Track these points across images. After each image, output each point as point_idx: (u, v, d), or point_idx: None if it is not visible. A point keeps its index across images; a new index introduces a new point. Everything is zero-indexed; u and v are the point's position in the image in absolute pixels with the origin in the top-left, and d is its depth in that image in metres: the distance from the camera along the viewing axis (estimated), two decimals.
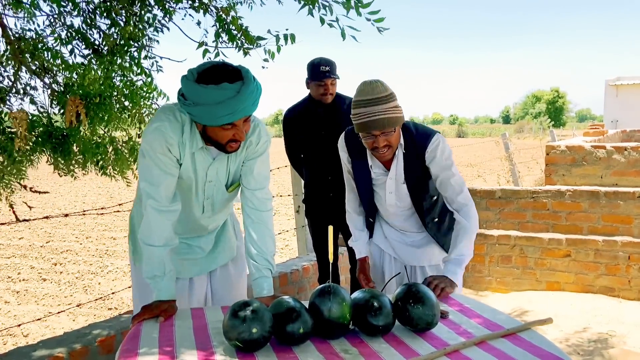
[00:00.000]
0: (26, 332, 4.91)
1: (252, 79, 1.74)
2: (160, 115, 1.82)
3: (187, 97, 1.72)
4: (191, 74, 1.74)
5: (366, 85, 2.07)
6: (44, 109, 3.04)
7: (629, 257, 4.36)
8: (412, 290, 1.62)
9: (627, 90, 21.43)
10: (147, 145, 1.81)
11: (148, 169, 1.82)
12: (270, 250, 1.97)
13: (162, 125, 1.79)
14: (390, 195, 2.28)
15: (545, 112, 66.11)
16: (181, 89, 1.75)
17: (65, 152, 2.96)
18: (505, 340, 1.55)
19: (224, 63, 1.79)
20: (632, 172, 4.92)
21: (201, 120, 1.74)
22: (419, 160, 2.20)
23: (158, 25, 3.07)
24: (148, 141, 1.80)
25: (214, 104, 1.67)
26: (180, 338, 1.56)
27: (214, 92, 1.67)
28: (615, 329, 3.76)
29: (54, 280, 6.53)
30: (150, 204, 1.82)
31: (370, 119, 2.03)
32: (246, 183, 2.00)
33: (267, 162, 2.03)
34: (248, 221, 2.00)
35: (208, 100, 1.67)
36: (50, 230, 9.33)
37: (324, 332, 1.55)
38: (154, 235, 1.82)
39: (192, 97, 1.70)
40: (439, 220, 2.33)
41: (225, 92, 1.67)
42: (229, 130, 1.76)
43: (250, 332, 1.41)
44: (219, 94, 1.67)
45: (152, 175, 1.81)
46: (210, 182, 1.95)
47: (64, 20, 2.89)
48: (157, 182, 1.82)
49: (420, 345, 1.52)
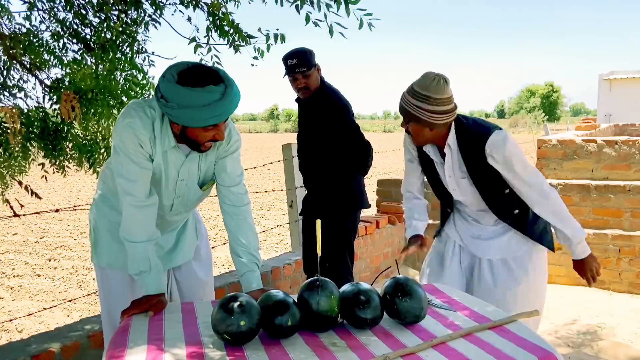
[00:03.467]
0: (20, 327, 4.91)
1: (232, 80, 1.73)
2: (130, 111, 1.79)
3: (169, 99, 1.68)
4: (171, 75, 1.69)
5: (426, 78, 2.08)
6: (38, 105, 3.04)
7: (619, 250, 4.40)
8: (400, 283, 1.63)
9: (620, 84, 21.51)
10: (120, 142, 1.79)
11: (123, 166, 1.79)
12: (253, 244, 1.97)
13: (133, 122, 1.76)
14: (453, 190, 2.28)
15: (540, 106, 66.28)
16: (159, 89, 1.71)
17: (57, 148, 2.96)
18: (492, 333, 1.57)
19: (199, 64, 1.76)
20: (623, 165, 4.95)
21: (183, 122, 1.72)
22: (480, 157, 2.13)
23: (150, 20, 3.06)
24: (120, 138, 1.78)
25: (200, 106, 1.66)
26: (170, 332, 1.57)
27: (201, 95, 1.65)
28: (605, 321, 3.80)
29: (48, 276, 6.52)
30: (128, 201, 1.80)
31: (401, 105, 2.12)
32: (221, 181, 2.00)
33: (238, 159, 2.03)
34: (227, 218, 2.00)
35: (194, 103, 1.65)
36: (45, 225, 9.31)
37: (313, 325, 1.56)
38: (136, 231, 1.81)
39: (176, 99, 1.67)
40: (520, 212, 2.22)
41: (211, 95, 1.66)
42: (210, 131, 1.75)
43: (238, 324, 1.43)
44: (205, 96, 1.65)
45: (129, 171, 1.79)
46: (182, 181, 1.94)
47: (55, 15, 2.89)
48: (134, 177, 1.80)
49: (407, 338, 1.54)
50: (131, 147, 1.77)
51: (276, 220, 8.78)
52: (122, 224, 1.83)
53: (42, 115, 2.92)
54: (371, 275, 4.67)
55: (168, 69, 1.72)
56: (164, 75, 1.72)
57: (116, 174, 1.83)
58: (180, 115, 1.69)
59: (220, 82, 1.69)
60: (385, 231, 4.91)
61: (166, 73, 1.71)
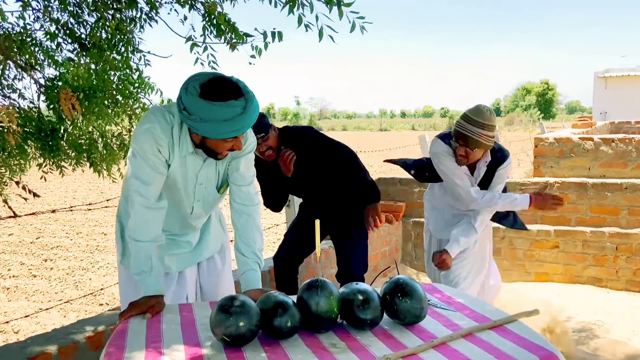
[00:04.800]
0: (17, 328, 4.88)
1: (252, 94, 1.78)
2: (150, 116, 1.84)
3: (192, 112, 1.72)
4: (193, 88, 1.73)
5: (480, 108, 2.68)
6: (34, 104, 3.02)
7: (616, 247, 4.41)
8: (399, 283, 1.62)
9: (616, 82, 21.58)
10: (138, 146, 1.83)
11: (139, 168, 1.84)
12: (258, 244, 2.00)
13: (153, 127, 1.81)
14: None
15: (535, 104, 66.40)
16: (182, 101, 1.74)
17: (54, 147, 2.94)
18: (492, 332, 1.56)
19: (221, 76, 1.79)
20: (620, 163, 4.97)
21: (204, 134, 1.77)
22: (492, 172, 2.89)
23: (145, 18, 3.04)
24: (139, 142, 1.83)
25: (222, 120, 1.71)
26: (168, 334, 1.56)
27: (223, 110, 1.70)
28: (602, 319, 3.80)
29: (44, 277, 6.49)
30: (139, 201, 1.84)
31: (464, 133, 2.67)
32: (233, 179, 2.03)
33: (252, 160, 2.07)
34: (236, 216, 2.03)
35: (217, 117, 1.71)
36: (40, 226, 9.27)
37: (312, 326, 1.55)
38: (143, 231, 1.84)
39: (198, 113, 1.71)
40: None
41: (233, 110, 1.71)
42: (229, 142, 1.81)
43: (237, 326, 1.41)
44: (227, 111, 1.71)
45: (144, 173, 1.84)
46: (201, 185, 1.99)
47: (50, 14, 2.86)
48: (148, 180, 1.84)
49: (408, 338, 1.53)
50: (149, 151, 1.82)
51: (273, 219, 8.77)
52: (130, 224, 1.87)
53: (36, 114, 2.90)
54: (369, 274, 4.66)
55: (190, 81, 1.76)
56: (186, 87, 1.75)
57: (131, 174, 1.86)
58: (202, 128, 1.74)
59: (241, 96, 1.74)
60: (383, 230, 4.90)
61: (188, 85, 1.75)
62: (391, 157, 3.38)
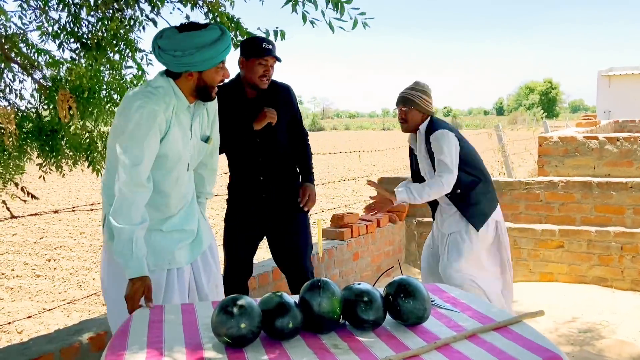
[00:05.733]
0: (20, 328, 4.89)
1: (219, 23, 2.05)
2: (138, 94, 1.91)
3: (182, 49, 1.88)
4: (169, 32, 1.93)
5: (417, 81, 3.12)
6: (33, 105, 3.01)
7: (621, 247, 4.38)
8: (403, 284, 1.61)
9: (619, 80, 21.48)
10: (132, 125, 1.86)
11: (128, 149, 1.86)
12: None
13: (145, 101, 1.88)
14: (422, 170, 3.19)
15: (539, 103, 66.26)
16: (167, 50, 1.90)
17: (54, 148, 2.94)
18: (496, 334, 1.55)
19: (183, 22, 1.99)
20: (625, 162, 4.93)
21: (200, 66, 1.92)
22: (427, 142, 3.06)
23: (145, 19, 3.03)
24: (134, 120, 1.85)
25: (209, 44, 1.90)
26: (169, 334, 1.55)
27: (205, 35, 1.91)
28: (608, 319, 3.78)
29: (47, 277, 6.50)
30: (126, 182, 1.86)
31: (400, 95, 3.10)
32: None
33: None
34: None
35: (204, 41, 1.89)
36: (44, 226, 9.28)
37: (314, 326, 1.54)
38: (132, 213, 1.87)
39: (188, 46, 1.88)
40: (462, 193, 3.07)
41: (214, 32, 1.92)
42: (220, 72, 1.99)
43: (238, 327, 1.40)
44: (210, 34, 1.91)
45: (133, 154, 1.86)
46: (194, 138, 2.11)
47: (48, 15, 2.86)
48: (136, 161, 1.86)
49: (411, 340, 1.51)
50: (144, 127, 1.86)
51: None
52: (115, 207, 1.87)
53: (35, 115, 2.89)
54: (372, 274, 4.65)
55: (160, 33, 1.96)
56: (159, 36, 1.94)
57: (120, 160, 1.87)
58: (197, 59, 1.90)
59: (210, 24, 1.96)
60: (387, 230, 4.89)
61: (162, 34, 1.94)
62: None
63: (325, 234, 4.29)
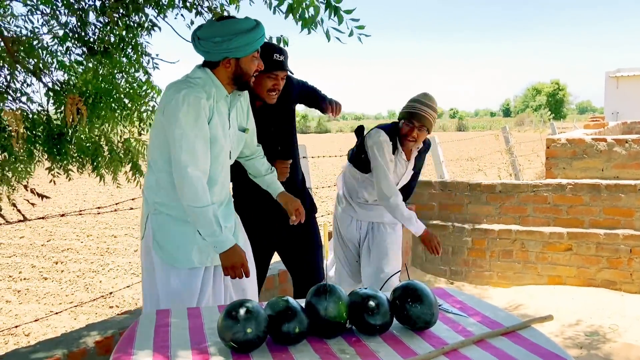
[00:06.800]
0: (27, 331, 4.90)
1: None
2: (180, 85, 1.99)
3: (221, 35, 1.99)
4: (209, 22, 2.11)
5: (428, 95, 2.92)
6: (42, 108, 3.03)
7: (630, 250, 4.34)
8: (410, 288, 1.60)
9: (627, 81, 21.36)
10: (182, 114, 1.93)
11: (186, 141, 1.94)
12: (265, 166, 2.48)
13: (189, 91, 1.95)
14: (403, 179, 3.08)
15: (546, 104, 65.95)
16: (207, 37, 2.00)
17: (61, 151, 2.95)
18: (504, 339, 1.53)
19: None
20: (633, 164, 4.89)
21: (239, 52, 2.01)
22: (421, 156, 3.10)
23: (149, 25, 3.04)
24: (183, 110, 1.93)
25: (246, 30, 2.00)
26: (176, 338, 1.54)
27: (245, 22, 2.03)
28: (617, 323, 3.74)
29: (55, 279, 6.52)
30: (192, 169, 1.94)
31: (421, 113, 2.84)
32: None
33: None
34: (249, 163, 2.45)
35: (244, 27, 2.00)
36: (51, 228, 9.32)
37: (321, 331, 1.53)
38: (203, 195, 1.95)
39: (226, 32, 1.99)
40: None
41: (250, 21, 2.04)
42: (255, 61, 2.07)
43: (244, 332, 1.39)
44: (248, 22, 2.03)
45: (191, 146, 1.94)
46: (233, 127, 2.18)
47: (57, 18, 2.87)
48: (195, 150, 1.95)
49: (418, 345, 1.50)
50: (194, 112, 1.94)
51: None
52: (186, 193, 1.95)
53: (45, 118, 2.90)
54: None
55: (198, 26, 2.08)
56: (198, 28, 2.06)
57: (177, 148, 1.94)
58: (235, 44, 2.00)
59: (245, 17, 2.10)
60: None
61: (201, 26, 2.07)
62: None
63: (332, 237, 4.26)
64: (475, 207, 4.89)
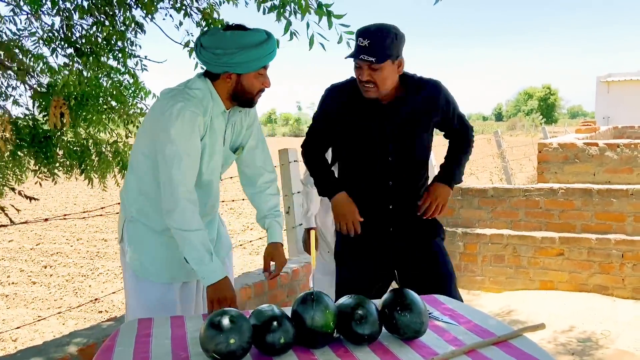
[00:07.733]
0: (15, 336, 4.83)
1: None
2: (177, 97, 1.84)
3: (224, 47, 1.81)
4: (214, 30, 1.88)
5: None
6: (29, 111, 2.98)
7: (622, 255, 4.33)
8: (399, 296, 1.56)
9: (618, 86, 21.49)
10: (175, 130, 1.79)
11: (176, 158, 1.81)
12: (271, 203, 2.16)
13: (185, 105, 1.81)
14: None
15: (537, 109, 66.36)
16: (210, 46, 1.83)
17: (47, 155, 2.90)
18: (496, 348, 1.49)
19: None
20: (625, 169, 4.89)
21: (241, 68, 1.84)
22: None
23: (137, 27, 3.00)
24: (177, 126, 1.80)
25: (253, 46, 1.81)
26: (157, 349, 1.49)
27: (250, 36, 1.82)
28: (609, 328, 3.72)
29: (43, 283, 6.45)
30: (183, 191, 1.83)
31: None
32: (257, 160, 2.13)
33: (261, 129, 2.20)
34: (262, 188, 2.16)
35: (248, 42, 1.81)
36: (40, 232, 9.23)
37: (307, 341, 1.48)
38: (194, 220, 1.83)
39: (230, 45, 1.80)
40: None
41: (259, 35, 1.84)
42: (260, 78, 1.89)
43: (227, 343, 1.35)
44: (255, 36, 1.83)
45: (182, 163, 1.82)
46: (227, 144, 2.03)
47: (41, 20, 2.82)
48: (185, 170, 1.83)
49: (407, 355, 1.46)
50: (189, 130, 1.81)
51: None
52: (176, 217, 1.83)
53: (31, 122, 2.85)
54: None
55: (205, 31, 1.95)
56: (204, 33, 1.90)
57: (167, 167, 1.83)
58: (237, 60, 1.81)
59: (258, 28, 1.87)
60: None
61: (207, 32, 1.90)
62: None
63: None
64: (467, 212, 4.87)
